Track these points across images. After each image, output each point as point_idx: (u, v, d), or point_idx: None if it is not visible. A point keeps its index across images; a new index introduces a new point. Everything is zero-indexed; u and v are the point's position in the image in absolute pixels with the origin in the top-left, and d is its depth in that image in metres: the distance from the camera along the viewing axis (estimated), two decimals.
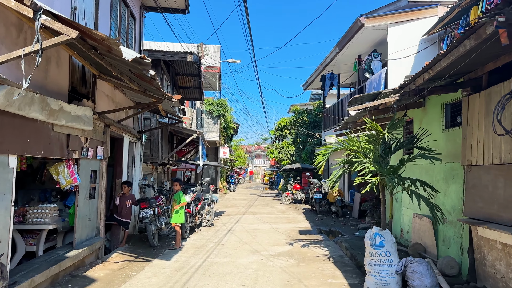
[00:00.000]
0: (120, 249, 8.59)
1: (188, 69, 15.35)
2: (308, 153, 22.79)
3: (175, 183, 9.18)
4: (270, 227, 12.47)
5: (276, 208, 18.57)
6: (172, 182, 9.25)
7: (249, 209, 17.83)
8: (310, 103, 28.78)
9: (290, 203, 20.95)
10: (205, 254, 8.42)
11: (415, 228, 8.20)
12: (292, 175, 23.10)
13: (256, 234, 11.03)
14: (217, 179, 29.44)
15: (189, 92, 17.57)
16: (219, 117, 23.73)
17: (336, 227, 12.72)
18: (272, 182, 40.38)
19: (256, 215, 15.70)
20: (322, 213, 16.19)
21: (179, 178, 9.53)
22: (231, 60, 19.50)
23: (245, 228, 12.01)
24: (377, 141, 6.53)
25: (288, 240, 10.20)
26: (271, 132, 25.88)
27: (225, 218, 14.37)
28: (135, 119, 10.29)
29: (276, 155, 23.98)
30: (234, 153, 47.65)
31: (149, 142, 11.75)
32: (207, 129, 23.77)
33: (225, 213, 16.06)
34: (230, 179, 33.49)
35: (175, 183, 9.18)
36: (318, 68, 18.12)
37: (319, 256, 8.38)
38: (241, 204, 20.48)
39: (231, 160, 37.24)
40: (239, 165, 52.08)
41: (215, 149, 29.88)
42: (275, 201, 22.58)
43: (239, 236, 10.66)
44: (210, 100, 23.74)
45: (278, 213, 16.62)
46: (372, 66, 14.11)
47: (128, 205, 8.82)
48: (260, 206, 19.38)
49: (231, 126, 30.34)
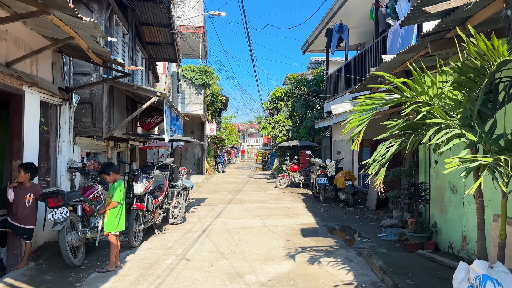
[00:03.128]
0: (15, 273, 5.26)
1: (156, 16, 11.72)
2: (307, 129, 19.41)
3: (107, 173, 5.72)
4: (261, 224, 9.18)
5: (270, 194, 15.29)
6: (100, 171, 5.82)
7: (237, 196, 14.53)
8: (309, 73, 25.23)
9: (286, 187, 17.70)
10: (155, 281, 5.12)
11: (496, 239, 4.92)
12: (288, 154, 19.77)
13: (241, 237, 7.74)
14: (203, 159, 26.07)
15: (161, 50, 13.96)
16: (203, 87, 20.15)
17: (349, 223, 9.48)
18: (265, 162, 37.18)
19: (244, 203, 12.42)
20: (328, 201, 12.95)
21: (111, 164, 6.11)
22: (214, 13, 15.82)
23: (227, 227, 8.71)
24: (477, 82, 3.17)
25: (287, 248, 6.93)
26: (263, 104, 22.34)
27: (203, 210, 11.07)
28: (56, 69, 6.79)
29: (270, 131, 20.57)
30: (225, 131, 44.33)
31: (89, 108, 8.29)
32: (189, 100, 20.22)
33: (206, 202, 12.77)
34: (218, 159, 30.14)
35: (107, 173, 5.72)
36: (322, 21, 14.55)
37: (340, 285, 5.11)
38: (228, 188, 17.18)
39: (220, 138, 33.82)
40: (230, 144, 48.83)
41: (201, 125, 26.39)
42: (269, 184, 19.32)
43: (217, 241, 7.36)
44: (192, 67, 20.12)
45: (272, 201, 13.35)
46: (397, 9, 10.61)
47: (28, 201, 5.43)
48: (251, 191, 16.10)
49: (219, 99, 26.76)
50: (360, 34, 15.94)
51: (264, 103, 22.25)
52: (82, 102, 8.24)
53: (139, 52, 12.37)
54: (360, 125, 3.57)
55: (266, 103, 22.06)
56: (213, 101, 25.86)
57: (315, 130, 19.41)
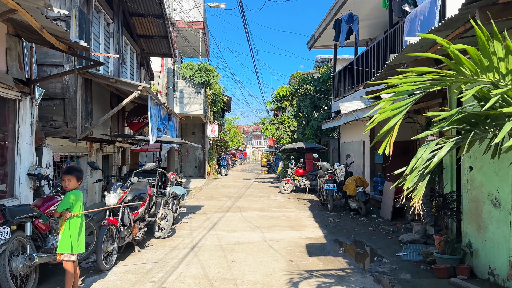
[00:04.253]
0: None
1: (147, 5, 10.64)
2: (313, 130, 18.19)
3: (67, 176, 4.56)
4: (261, 238, 8.00)
5: (273, 201, 14.09)
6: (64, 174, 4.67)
7: (237, 202, 13.36)
8: (315, 71, 24.01)
9: (291, 192, 16.49)
10: None
11: None
12: (293, 156, 18.56)
13: (235, 256, 6.55)
14: (204, 161, 24.94)
15: (155, 44, 12.86)
16: (203, 85, 19.01)
17: (362, 237, 8.26)
18: (270, 164, 35.90)
19: (244, 212, 11.25)
20: (337, 209, 11.72)
21: (74, 167, 4.95)
22: (212, 4, 14.68)
23: (220, 242, 7.53)
24: None
25: (289, 272, 5.73)
26: (267, 104, 21.14)
27: (198, 220, 9.92)
28: (11, 57, 5.67)
29: (274, 132, 19.36)
30: (229, 133, 43.26)
31: (61, 104, 7.17)
32: (188, 100, 19.08)
33: (202, 210, 11.61)
34: (221, 161, 28.97)
35: (67, 176, 4.56)
36: (330, 12, 13.35)
37: None
38: (228, 194, 16.01)
39: (222, 139, 32.68)
40: (234, 146, 47.73)
41: (202, 126, 25.28)
42: (272, 189, 18.12)
43: (206, 262, 6.19)
44: (191, 64, 18.99)
45: (275, 208, 12.16)
46: None
47: None
48: (252, 197, 14.91)
49: (221, 99, 25.64)
50: (371, 27, 14.72)
51: (267, 103, 21.07)
52: (53, 98, 7.14)
53: (128, 45, 11.27)
54: (395, 117, 2.39)
55: (270, 102, 20.85)
56: (215, 101, 24.76)
57: (322, 131, 18.20)
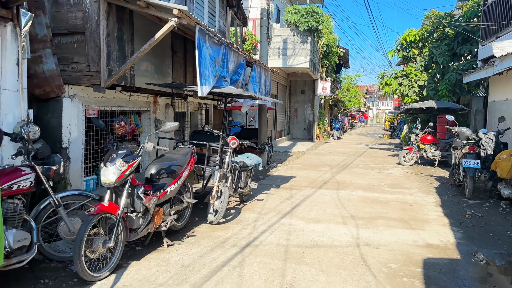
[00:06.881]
0: None
1: None
2: (450, 85, 13.92)
3: None
4: (352, 238, 5.33)
5: (387, 175, 10.96)
6: None
7: (337, 175, 10.65)
8: (456, 12, 18.79)
9: (414, 165, 12.98)
10: None
11: None
12: (419, 119, 14.65)
13: (298, 274, 4.10)
14: (313, 123, 22.33)
15: None
16: (310, 33, 16.06)
17: None
18: (394, 128, 31.35)
19: (342, 190, 8.57)
20: (478, 195, 8.17)
21: None
22: None
23: (288, 241, 5.13)
24: None
25: None
26: (389, 53, 17.15)
27: (277, 197, 7.65)
28: None
29: (396, 88, 15.58)
30: (347, 92, 39.46)
31: (83, 40, 5.39)
32: (292, 51, 16.42)
33: (290, 182, 9.28)
34: (334, 123, 25.93)
35: None
36: None
37: None
38: (332, 162, 13.31)
39: (337, 99, 29.33)
40: (354, 107, 43.70)
41: (312, 84, 22.50)
42: (390, 159, 14.73)
43: (246, 283, 3.90)
44: (296, 7, 16.14)
45: (387, 187, 9.14)
46: None
47: None
48: (360, 169, 11.96)
49: (335, 52, 22.25)
50: None
51: (390, 52, 17.07)
52: (72, 32, 5.42)
53: None
54: None
55: (393, 51, 16.87)
56: (328, 54, 21.57)
57: (462, 87, 13.86)
